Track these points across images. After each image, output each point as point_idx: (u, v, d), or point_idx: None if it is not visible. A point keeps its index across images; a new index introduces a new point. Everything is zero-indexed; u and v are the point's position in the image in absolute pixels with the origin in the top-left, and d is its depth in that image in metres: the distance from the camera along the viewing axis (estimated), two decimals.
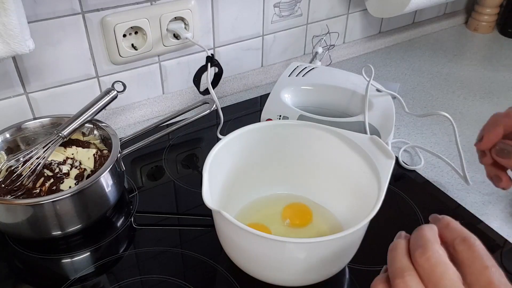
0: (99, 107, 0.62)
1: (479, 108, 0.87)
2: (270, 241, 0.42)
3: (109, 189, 0.57)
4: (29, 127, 0.63)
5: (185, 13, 0.75)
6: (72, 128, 0.60)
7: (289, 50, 0.95)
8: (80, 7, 0.66)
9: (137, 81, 0.78)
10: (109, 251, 0.56)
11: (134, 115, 0.80)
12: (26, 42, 0.56)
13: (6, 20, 0.52)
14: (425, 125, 0.81)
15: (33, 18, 0.63)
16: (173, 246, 0.57)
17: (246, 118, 0.83)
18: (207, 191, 0.46)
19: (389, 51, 1.09)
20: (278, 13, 0.88)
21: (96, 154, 0.63)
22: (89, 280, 0.53)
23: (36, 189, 0.57)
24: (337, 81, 0.73)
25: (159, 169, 0.70)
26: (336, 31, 0.99)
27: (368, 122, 0.64)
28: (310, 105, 0.72)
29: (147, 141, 0.62)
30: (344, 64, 1.03)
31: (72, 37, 0.68)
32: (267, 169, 0.59)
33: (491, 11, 1.15)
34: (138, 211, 0.62)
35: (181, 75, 0.83)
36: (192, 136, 0.78)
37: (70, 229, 0.55)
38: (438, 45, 1.12)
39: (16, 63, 0.66)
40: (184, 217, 0.62)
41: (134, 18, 0.71)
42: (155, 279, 0.52)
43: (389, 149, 0.52)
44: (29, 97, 0.70)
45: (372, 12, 0.95)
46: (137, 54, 0.74)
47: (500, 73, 0.99)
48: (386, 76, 0.98)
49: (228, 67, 0.87)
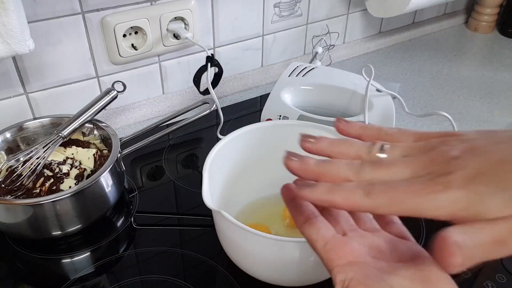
0: (99, 107, 0.62)
1: (479, 108, 0.86)
2: (270, 241, 0.42)
3: (109, 189, 0.57)
4: (29, 127, 0.63)
5: (185, 13, 0.75)
6: (72, 128, 0.60)
7: (289, 50, 0.95)
8: (80, 7, 0.66)
9: (137, 81, 0.78)
10: (109, 251, 0.56)
11: (134, 115, 0.80)
12: (26, 42, 0.56)
13: (6, 20, 0.52)
14: (425, 125, 0.81)
15: (33, 18, 0.63)
16: (173, 246, 0.57)
17: (246, 118, 0.83)
18: (207, 191, 0.46)
19: (389, 51, 1.09)
20: (278, 13, 0.88)
21: (96, 154, 0.63)
22: (89, 280, 0.53)
23: (36, 189, 0.57)
24: (337, 81, 0.73)
25: (159, 169, 0.70)
26: (336, 31, 0.99)
27: (368, 122, 0.64)
28: (310, 105, 0.72)
29: (147, 141, 0.62)
30: (344, 64, 1.03)
31: (72, 37, 0.68)
32: (267, 169, 0.59)
33: (491, 11, 1.15)
34: (138, 211, 0.62)
35: (181, 75, 0.83)
36: (192, 136, 0.78)
37: (70, 229, 0.55)
38: (438, 45, 1.12)
39: (16, 63, 0.66)
40: (184, 217, 0.62)
41: (134, 18, 0.71)
42: (155, 279, 0.52)
43: None
44: (29, 97, 0.70)
45: (372, 12, 0.95)
46: (137, 54, 0.74)
47: (500, 73, 0.99)
48: (386, 76, 0.98)
49: (228, 67, 0.87)
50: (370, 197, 0.25)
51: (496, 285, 0.52)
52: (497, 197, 0.23)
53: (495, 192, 0.23)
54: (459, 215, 0.23)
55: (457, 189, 0.23)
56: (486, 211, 0.23)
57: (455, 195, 0.23)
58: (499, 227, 0.23)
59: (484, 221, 0.23)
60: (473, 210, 0.23)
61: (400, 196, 0.25)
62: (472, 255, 0.23)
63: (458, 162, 0.24)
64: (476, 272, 0.53)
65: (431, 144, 0.27)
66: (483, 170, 0.24)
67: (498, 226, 0.23)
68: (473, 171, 0.24)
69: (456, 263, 0.22)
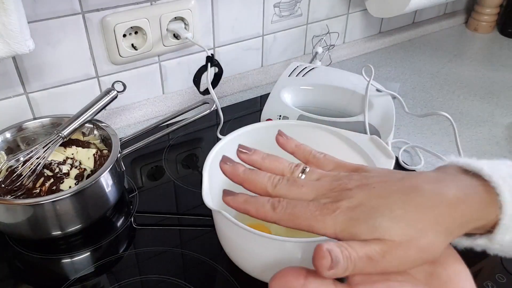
0: (99, 107, 0.62)
1: (479, 108, 0.87)
2: (270, 241, 0.43)
3: (109, 189, 0.57)
4: (29, 127, 0.63)
5: (185, 13, 0.75)
6: (72, 128, 0.60)
7: (289, 50, 0.95)
8: (80, 7, 0.66)
9: (137, 81, 0.78)
10: (109, 251, 0.56)
11: (134, 115, 0.80)
12: (26, 42, 0.56)
13: (6, 20, 0.52)
14: (425, 125, 0.81)
15: (33, 18, 0.63)
16: (173, 246, 0.57)
17: (246, 118, 0.83)
18: (207, 191, 0.46)
19: (389, 51, 1.09)
20: (278, 13, 0.88)
21: (96, 154, 0.63)
22: (89, 280, 0.53)
23: (36, 189, 0.57)
24: (337, 81, 0.73)
25: (159, 169, 0.70)
26: (336, 31, 0.99)
27: (368, 122, 0.64)
28: (310, 105, 0.72)
29: (147, 141, 0.62)
30: (344, 64, 1.03)
31: (72, 37, 0.68)
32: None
33: (491, 11, 1.15)
34: (138, 211, 0.62)
35: (181, 75, 0.83)
36: (192, 136, 0.78)
37: (70, 229, 0.55)
38: (438, 45, 1.12)
39: (16, 63, 0.66)
40: (184, 217, 0.62)
41: (134, 18, 0.71)
42: (155, 279, 0.52)
43: (389, 149, 0.52)
44: (29, 97, 0.70)
45: (372, 12, 0.95)
46: (137, 54, 0.74)
47: (500, 73, 0.99)
48: (386, 76, 0.98)
49: (228, 67, 0.87)
50: (275, 212, 0.31)
51: (496, 285, 0.52)
52: (363, 224, 0.28)
53: (363, 220, 0.28)
54: (340, 235, 0.29)
55: (340, 214, 0.29)
56: (357, 234, 0.28)
57: (337, 219, 0.29)
58: (370, 246, 0.27)
59: (359, 241, 0.28)
60: (349, 232, 0.28)
61: (297, 214, 0.30)
62: (345, 266, 0.27)
63: (348, 193, 0.30)
64: (476, 272, 0.53)
65: (339, 175, 0.33)
66: (363, 202, 0.29)
67: (370, 246, 0.27)
68: (356, 202, 0.29)
69: (326, 265, 0.26)
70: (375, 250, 0.27)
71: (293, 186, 0.32)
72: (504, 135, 0.79)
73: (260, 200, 0.32)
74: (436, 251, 0.29)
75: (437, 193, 0.29)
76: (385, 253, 0.27)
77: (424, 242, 0.28)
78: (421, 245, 0.28)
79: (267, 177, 0.33)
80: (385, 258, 0.27)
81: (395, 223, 0.28)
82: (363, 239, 0.28)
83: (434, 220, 0.28)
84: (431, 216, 0.28)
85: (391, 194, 0.29)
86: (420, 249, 0.28)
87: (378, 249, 0.27)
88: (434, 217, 0.28)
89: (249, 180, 0.33)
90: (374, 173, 0.33)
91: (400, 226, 0.28)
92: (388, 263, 0.27)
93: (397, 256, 0.27)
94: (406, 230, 0.28)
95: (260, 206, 0.31)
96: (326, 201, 0.30)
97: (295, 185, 0.32)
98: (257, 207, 0.31)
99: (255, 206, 0.32)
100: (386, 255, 0.27)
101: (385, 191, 0.30)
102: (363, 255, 0.27)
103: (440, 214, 0.28)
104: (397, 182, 0.31)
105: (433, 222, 0.28)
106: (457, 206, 0.29)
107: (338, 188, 0.31)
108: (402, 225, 0.28)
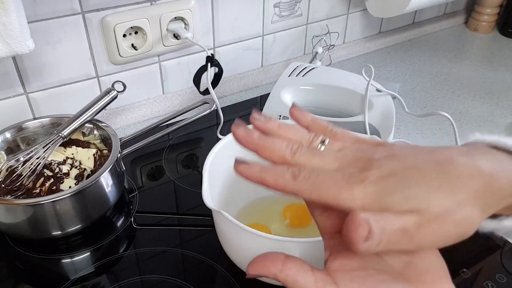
0: (99, 107, 0.62)
1: (479, 108, 0.87)
2: (270, 241, 0.43)
3: (109, 189, 0.57)
4: (29, 127, 0.63)
5: (185, 13, 0.75)
6: (72, 128, 0.60)
7: (289, 50, 0.95)
8: (80, 7, 0.66)
9: (137, 81, 0.78)
10: (109, 251, 0.56)
11: (134, 115, 0.80)
12: (26, 42, 0.56)
13: (6, 20, 0.52)
14: (425, 125, 0.81)
15: (33, 18, 0.63)
16: (173, 246, 0.57)
17: (246, 118, 0.82)
18: (207, 191, 0.46)
19: (389, 51, 1.09)
20: (278, 13, 0.88)
21: (96, 154, 0.63)
22: (89, 280, 0.53)
23: (36, 189, 0.57)
24: (337, 81, 0.73)
25: (159, 169, 0.70)
26: (336, 31, 0.99)
27: (368, 122, 0.64)
28: (310, 105, 0.72)
29: (147, 141, 0.62)
30: (344, 64, 1.03)
31: (72, 37, 0.68)
32: None
33: (491, 11, 1.15)
34: (138, 211, 0.62)
35: (181, 75, 0.83)
36: (192, 136, 0.78)
37: (70, 229, 0.55)
38: (438, 45, 1.12)
39: (16, 63, 0.66)
40: (184, 217, 0.62)
41: (134, 18, 0.71)
42: (155, 279, 0.52)
43: None
44: (29, 97, 0.70)
45: (372, 12, 0.95)
46: (137, 54, 0.74)
47: (500, 73, 0.99)
48: (386, 76, 0.98)
49: (228, 67, 0.87)
50: (296, 181, 0.27)
51: (496, 285, 0.52)
52: (398, 194, 0.26)
53: (397, 190, 0.26)
54: (370, 207, 0.26)
55: (369, 184, 0.26)
56: (390, 205, 0.26)
57: (367, 189, 0.26)
58: (406, 218, 0.25)
59: (393, 212, 0.25)
60: (381, 203, 0.26)
61: (320, 184, 0.27)
62: (379, 239, 0.25)
63: (377, 162, 0.27)
64: (476, 272, 0.53)
65: (362, 147, 0.30)
66: (395, 172, 0.27)
67: (405, 217, 0.25)
68: (387, 171, 0.27)
69: (362, 234, 0.24)
70: (410, 222, 0.25)
71: (314, 155, 0.29)
72: (504, 135, 0.78)
73: (279, 169, 0.28)
74: (472, 227, 0.26)
75: (474, 165, 0.27)
76: (420, 226, 0.25)
77: (460, 215, 0.26)
78: (457, 218, 0.26)
79: (285, 143, 0.30)
80: (420, 232, 0.25)
81: (432, 193, 0.26)
82: (396, 211, 0.25)
83: (472, 192, 0.26)
84: (469, 188, 0.26)
85: (424, 165, 0.27)
86: (457, 223, 0.26)
87: (413, 221, 0.25)
88: (472, 190, 0.26)
89: (264, 146, 0.30)
90: (399, 146, 0.30)
91: (438, 197, 0.26)
92: (422, 238, 0.26)
93: (432, 230, 0.26)
94: (443, 201, 0.26)
95: (279, 175, 0.28)
96: (353, 171, 0.27)
97: (317, 154, 0.29)
98: (275, 176, 0.28)
99: (273, 175, 0.28)
100: (421, 228, 0.25)
101: (417, 161, 0.27)
102: (398, 227, 0.25)
103: (478, 187, 0.26)
104: (428, 153, 0.28)
105: (471, 195, 0.26)
106: (495, 180, 0.27)
107: (364, 158, 0.28)
108: (440, 195, 0.26)
